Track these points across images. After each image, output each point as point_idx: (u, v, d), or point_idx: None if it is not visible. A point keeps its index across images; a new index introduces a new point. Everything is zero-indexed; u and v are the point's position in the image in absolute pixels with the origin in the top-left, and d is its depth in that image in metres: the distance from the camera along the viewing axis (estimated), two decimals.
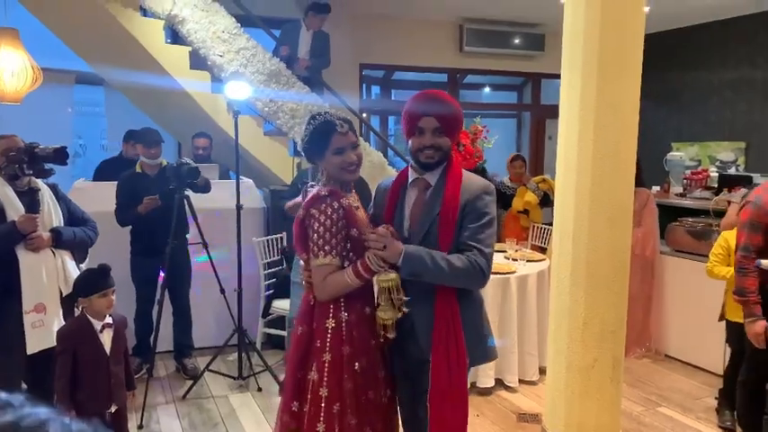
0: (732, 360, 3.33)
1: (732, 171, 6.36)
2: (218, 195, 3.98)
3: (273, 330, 4.33)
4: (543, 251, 4.90)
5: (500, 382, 3.84)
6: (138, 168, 3.91)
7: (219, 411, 3.51)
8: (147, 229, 3.80)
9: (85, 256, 2.96)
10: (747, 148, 6.54)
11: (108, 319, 2.45)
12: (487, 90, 8.62)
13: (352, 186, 2.08)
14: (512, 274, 3.82)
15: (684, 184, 5.08)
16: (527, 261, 4.13)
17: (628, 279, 2.69)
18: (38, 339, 2.60)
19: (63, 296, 2.69)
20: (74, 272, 2.73)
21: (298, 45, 5.32)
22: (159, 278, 3.77)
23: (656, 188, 5.14)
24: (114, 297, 2.47)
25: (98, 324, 2.42)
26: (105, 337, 2.44)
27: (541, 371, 3.84)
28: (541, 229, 5.25)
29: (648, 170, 4.59)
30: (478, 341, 2.03)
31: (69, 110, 6.56)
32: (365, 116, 7.14)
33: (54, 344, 2.47)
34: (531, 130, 8.01)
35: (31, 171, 2.63)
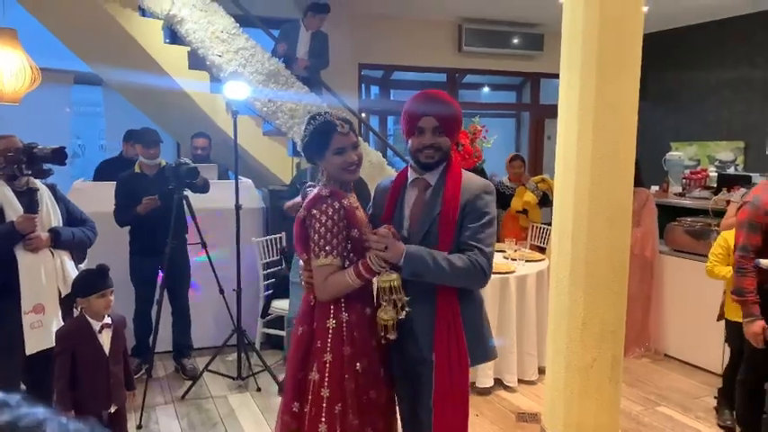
0: (732, 359, 3.33)
1: (731, 171, 6.35)
2: (217, 195, 3.97)
3: (272, 330, 4.33)
4: (542, 251, 4.89)
5: (499, 382, 3.84)
6: (137, 168, 3.91)
7: (218, 411, 3.51)
8: (146, 229, 3.80)
9: (84, 256, 2.95)
10: (746, 147, 6.55)
11: (107, 320, 2.45)
12: (486, 90, 8.62)
13: (352, 186, 2.08)
14: (511, 273, 3.82)
15: (683, 183, 5.08)
16: (526, 261, 4.14)
17: (627, 279, 2.69)
18: (37, 340, 2.60)
19: (62, 297, 2.68)
20: (73, 272, 2.73)
21: (296, 45, 5.32)
22: (158, 278, 3.77)
23: (654, 188, 5.14)
24: (113, 297, 2.47)
25: (97, 324, 2.42)
26: (104, 338, 2.44)
27: (540, 371, 3.85)
28: (540, 228, 5.25)
29: (647, 170, 4.59)
30: (479, 341, 2.03)
31: (68, 110, 6.55)
32: (364, 116, 7.14)
33: (53, 344, 2.47)
34: (530, 130, 8.01)
35: (29, 171, 2.63)
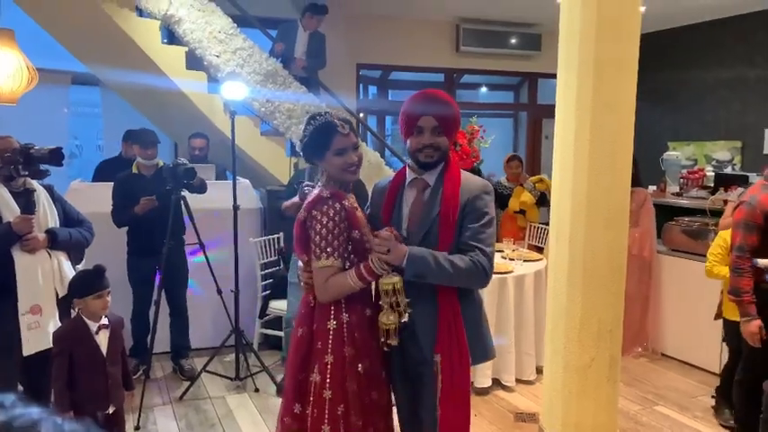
0: (730, 359, 3.34)
1: (728, 170, 6.36)
2: (214, 196, 3.97)
3: (270, 331, 4.32)
4: (540, 251, 4.89)
5: (497, 382, 3.84)
6: (135, 169, 3.90)
7: (216, 412, 3.51)
8: (144, 229, 3.79)
9: (82, 257, 2.95)
10: (743, 147, 6.56)
11: (104, 320, 2.45)
12: (484, 90, 8.62)
13: (351, 187, 2.07)
14: (509, 273, 3.82)
15: (681, 183, 5.08)
16: (524, 261, 4.14)
17: (624, 279, 2.69)
18: (34, 341, 2.59)
19: (59, 297, 2.68)
20: (70, 273, 2.72)
21: (294, 45, 5.32)
22: (156, 279, 3.77)
23: (652, 188, 5.15)
24: (109, 298, 2.46)
25: (94, 325, 2.41)
26: (101, 339, 2.43)
27: (538, 370, 3.85)
28: (538, 228, 5.25)
29: (645, 170, 4.59)
30: (479, 340, 2.03)
31: (65, 110, 6.54)
32: (362, 116, 7.14)
33: (50, 345, 2.47)
34: (528, 130, 8.01)
35: (26, 172, 2.63)
